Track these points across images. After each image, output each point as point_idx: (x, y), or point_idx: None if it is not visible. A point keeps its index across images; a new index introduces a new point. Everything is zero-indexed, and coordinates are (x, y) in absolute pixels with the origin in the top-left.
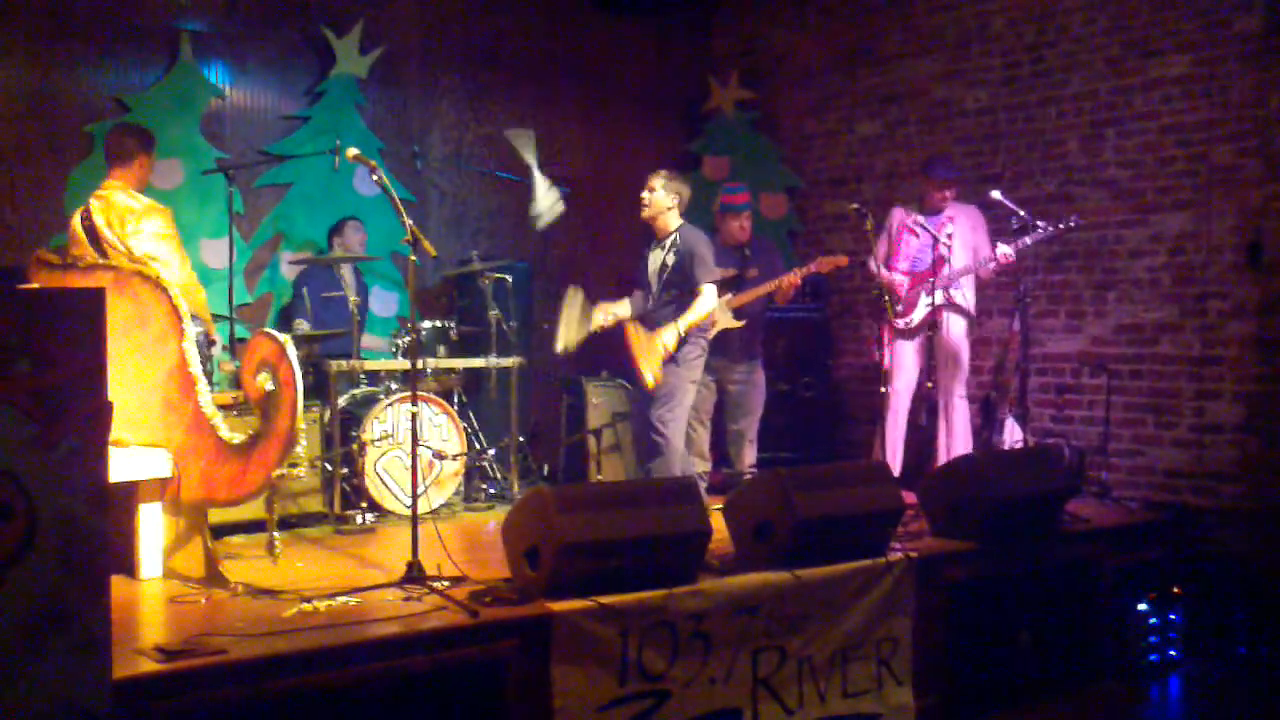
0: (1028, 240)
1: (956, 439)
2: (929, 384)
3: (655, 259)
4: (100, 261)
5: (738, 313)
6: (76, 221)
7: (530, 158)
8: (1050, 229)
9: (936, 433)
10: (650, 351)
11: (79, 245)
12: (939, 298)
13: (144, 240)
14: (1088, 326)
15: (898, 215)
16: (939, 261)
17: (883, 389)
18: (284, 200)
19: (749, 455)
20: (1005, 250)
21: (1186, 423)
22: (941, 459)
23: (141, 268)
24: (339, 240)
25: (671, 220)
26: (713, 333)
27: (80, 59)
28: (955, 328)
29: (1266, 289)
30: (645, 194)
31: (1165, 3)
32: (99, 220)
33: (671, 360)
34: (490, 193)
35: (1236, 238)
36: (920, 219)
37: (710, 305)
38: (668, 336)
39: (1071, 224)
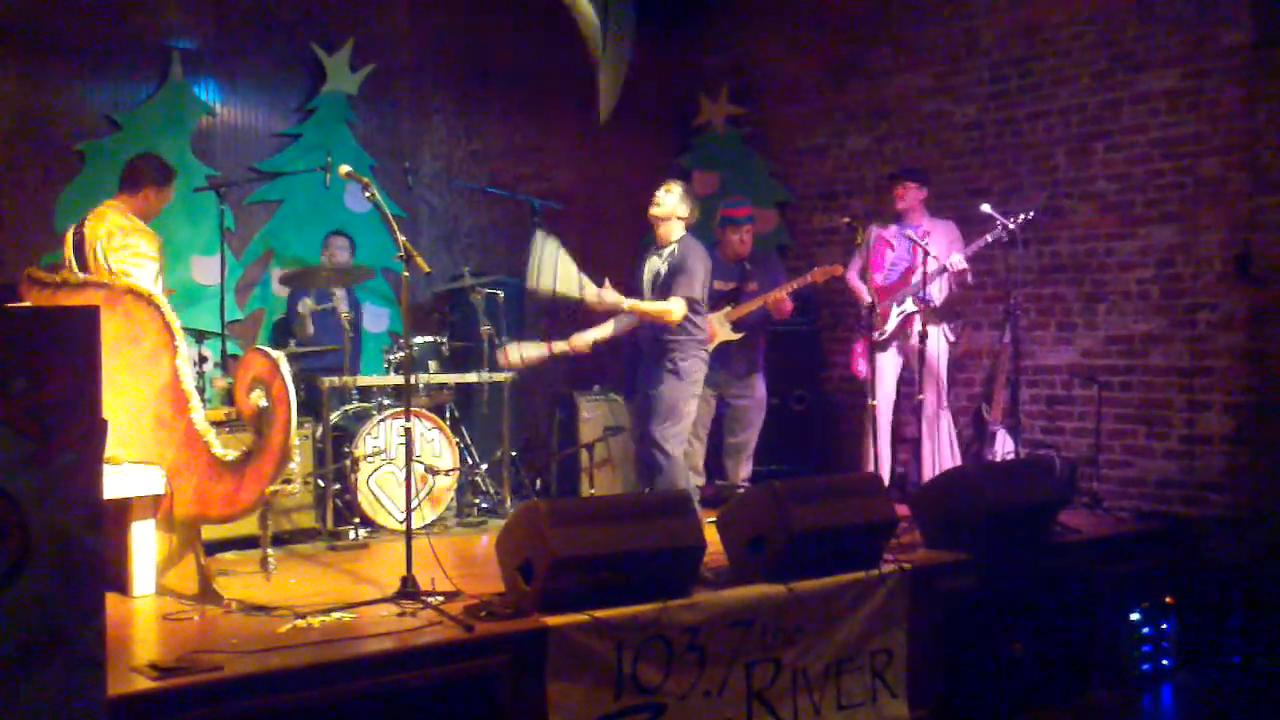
0: (988, 238)
1: (941, 451)
2: (919, 396)
3: (651, 266)
4: (89, 278)
5: (736, 325)
6: (70, 235)
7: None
8: (1008, 225)
9: (920, 443)
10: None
11: (66, 259)
12: (909, 306)
13: (124, 258)
14: (1078, 338)
15: (873, 230)
16: (909, 272)
17: (872, 402)
18: (275, 217)
19: (745, 469)
20: (955, 259)
21: (1177, 434)
22: (928, 471)
23: (134, 285)
24: (326, 256)
25: (675, 230)
26: (712, 347)
27: (71, 77)
28: (931, 340)
29: (1255, 300)
30: (660, 193)
31: (1153, 17)
32: (87, 232)
33: (674, 374)
34: (481, 208)
35: (1225, 250)
36: (894, 232)
37: (669, 312)
38: (610, 296)
39: (1029, 216)
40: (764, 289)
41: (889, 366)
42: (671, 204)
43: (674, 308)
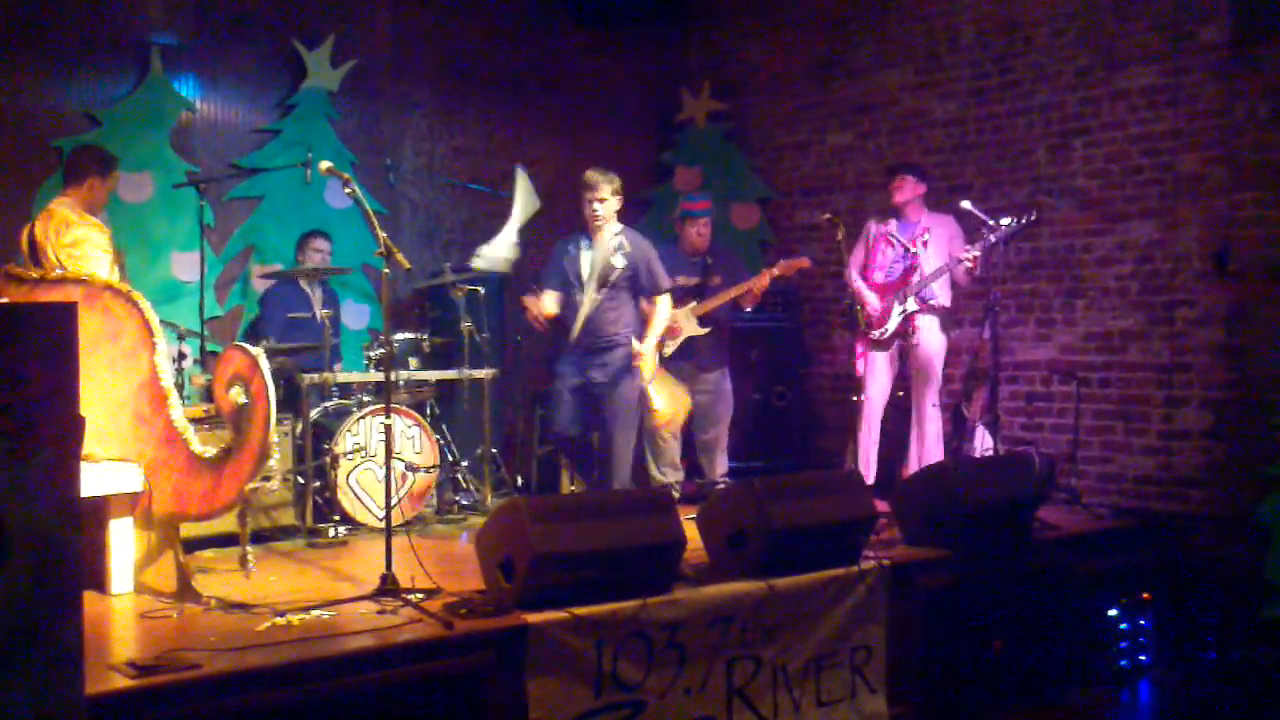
0: (992, 238)
1: (929, 447)
2: (899, 393)
3: (593, 259)
4: (67, 274)
5: (703, 320)
6: (24, 236)
7: (520, 207)
8: (1014, 225)
9: (909, 441)
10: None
11: (24, 260)
12: (911, 305)
13: (73, 253)
14: (1057, 334)
15: (872, 227)
16: (910, 270)
17: (855, 398)
18: (255, 213)
19: (720, 464)
20: (972, 252)
21: (1155, 429)
22: (914, 467)
23: (112, 281)
24: (302, 257)
25: (615, 219)
26: (679, 342)
27: (50, 73)
28: (929, 337)
29: (1233, 296)
30: (598, 205)
31: (1132, 14)
32: (37, 233)
33: (630, 372)
34: (462, 205)
35: (1203, 246)
36: (894, 228)
37: (670, 312)
38: (651, 359)
39: (1033, 217)
40: (727, 283)
41: (887, 365)
42: (611, 208)
43: (667, 308)
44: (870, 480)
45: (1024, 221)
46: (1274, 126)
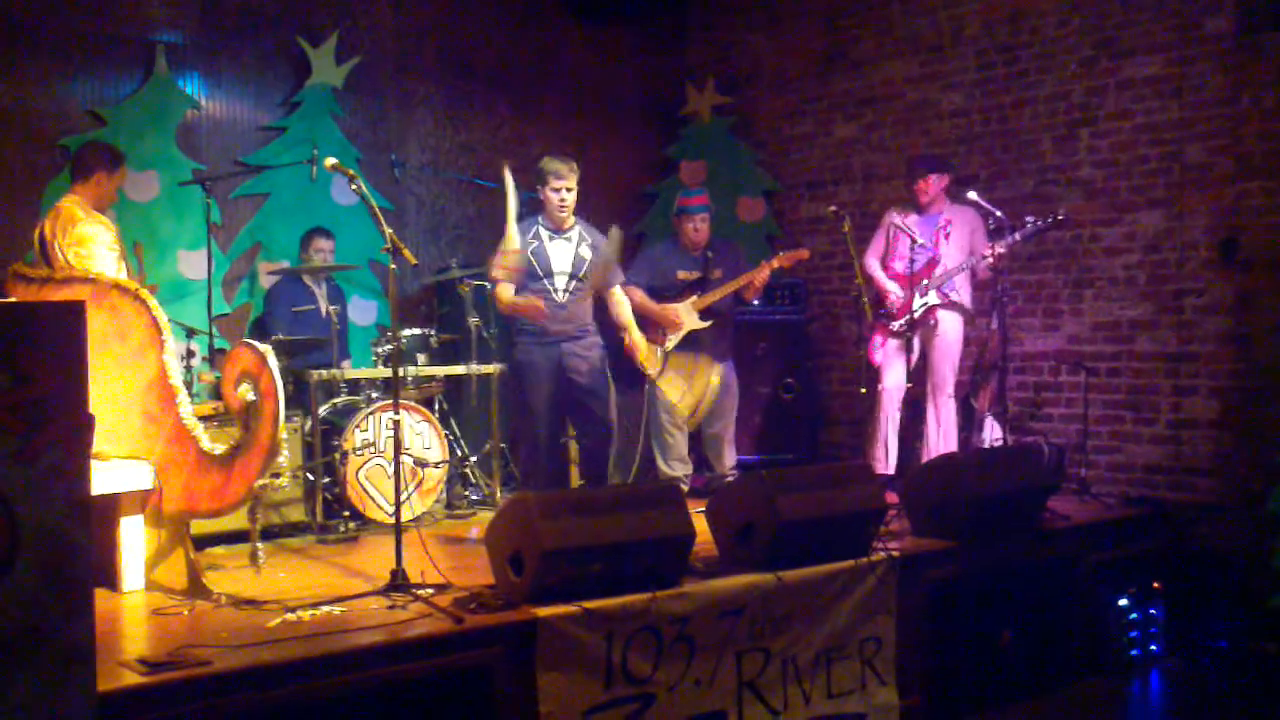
0: (1017, 236)
1: (946, 438)
2: (908, 384)
3: (562, 250)
4: (75, 273)
5: (704, 314)
6: (35, 234)
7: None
8: (1040, 224)
9: (924, 432)
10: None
11: (35, 259)
12: (933, 298)
13: (79, 251)
14: (1065, 325)
15: (893, 216)
16: (933, 262)
17: (863, 389)
18: (261, 211)
19: (729, 457)
20: (997, 250)
21: (1164, 419)
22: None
23: (120, 280)
24: (305, 256)
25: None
26: (680, 336)
27: (55, 72)
28: (949, 329)
29: (1241, 285)
30: (567, 195)
31: (1137, 4)
32: (47, 231)
33: (606, 359)
34: (468, 200)
35: (1210, 235)
36: (914, 220)
37: (629, 301)
38: (647, 349)
39: (1060, 217)
40: (728, 276)
41: (903, 355)
42: (576, 190)
43: (629, 300)
44: (891, 470)
45: (1050, 221)
46: None
